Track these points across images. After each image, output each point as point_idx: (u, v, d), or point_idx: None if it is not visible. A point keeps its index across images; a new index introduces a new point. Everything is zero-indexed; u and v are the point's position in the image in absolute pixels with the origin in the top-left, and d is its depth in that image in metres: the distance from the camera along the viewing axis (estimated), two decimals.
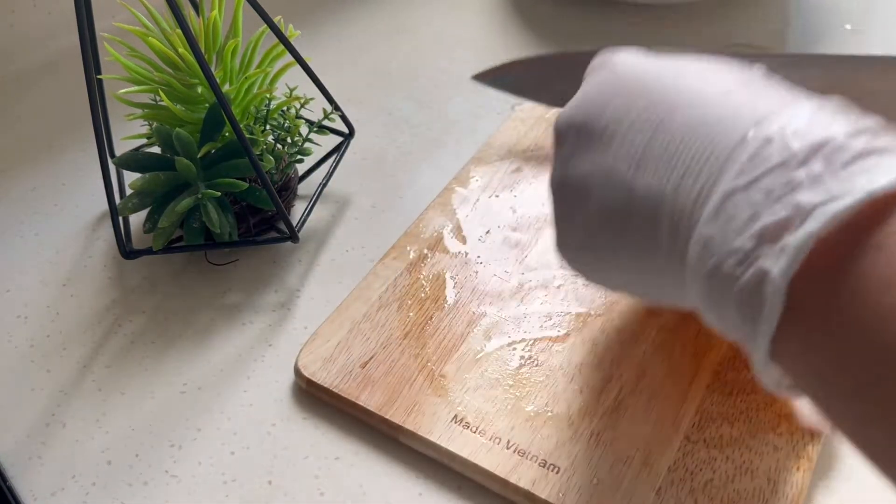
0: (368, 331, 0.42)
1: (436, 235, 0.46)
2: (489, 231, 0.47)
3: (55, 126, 0.57)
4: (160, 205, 0.44)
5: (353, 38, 0.65)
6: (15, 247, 0.49)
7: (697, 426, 0.37)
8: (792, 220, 0.23)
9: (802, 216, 0.22)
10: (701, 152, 0.26)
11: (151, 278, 0.46)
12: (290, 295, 0.45)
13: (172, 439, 0.39)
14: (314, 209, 0.49)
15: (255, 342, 0.43)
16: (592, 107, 0.31)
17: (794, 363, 0.24)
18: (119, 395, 0.41)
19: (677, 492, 0.35)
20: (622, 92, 0.30)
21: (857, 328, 0.22)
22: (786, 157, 0.24)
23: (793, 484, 0.35)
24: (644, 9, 0.66)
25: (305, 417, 0.40)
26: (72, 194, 0.52)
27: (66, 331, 0.44)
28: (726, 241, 0.24)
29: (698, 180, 0.26)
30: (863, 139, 0.23)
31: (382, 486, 0.37)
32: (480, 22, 0.66)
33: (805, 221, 0.22)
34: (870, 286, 0.21)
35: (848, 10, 0.65)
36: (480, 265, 0.45)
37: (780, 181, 0.23)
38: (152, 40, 0.43)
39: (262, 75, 0.46)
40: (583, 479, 0.35)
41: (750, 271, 0.23)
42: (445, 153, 0.54)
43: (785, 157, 0.24)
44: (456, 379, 0.39)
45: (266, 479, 0.37)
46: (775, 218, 0.23)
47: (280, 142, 0.47)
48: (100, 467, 0.38)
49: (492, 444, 0.37)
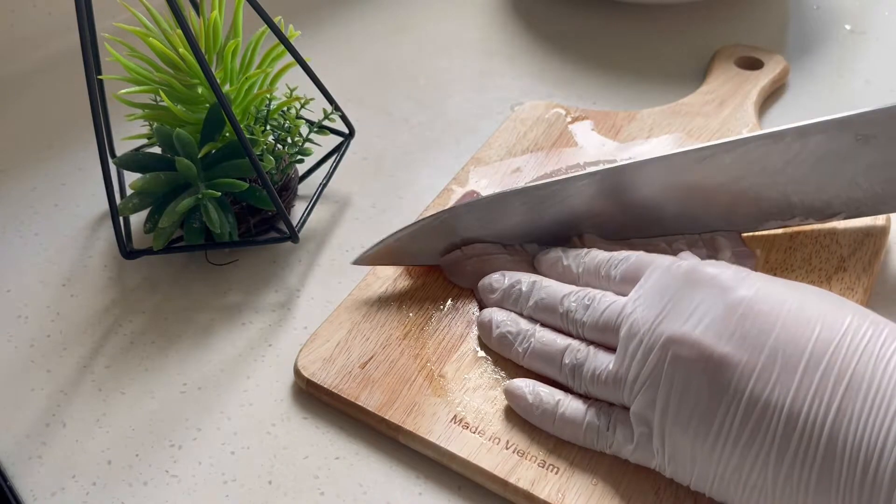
0: (368, 331, 0.42)
1: None
2: None
3: (55, 126, 0.57)
4: (160, 205, 0.44)
5: (353, 38, 0.65)
6: (15, 247, 0.49)
7: None
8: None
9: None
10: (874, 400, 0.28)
11: (151, 278, 0.46)
12: (290, 295, 0.45)
13: (172, 439, 0.39)
14: (314, 209, 0.49)
15: (255, 342, 0.43)
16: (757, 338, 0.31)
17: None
18: (119, 395, 0.41)
19: (676, 491, 0.35)
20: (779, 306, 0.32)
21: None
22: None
23: None
24: (644, 9, 0.66)
25: (305, 417, 0.40)
26: (72, 194, 0.52)
27: (66, 331, 0.44)
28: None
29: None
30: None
31: (382, 486, 0.37)
32: (480, 22, 0.66)
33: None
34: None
35: (848, 10, 0.65)
36: None
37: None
38: (153, 41, 0.43)
39: (263, 75, 0.46)
40: (582, 479, 0.35)
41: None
42: (445, 153, 0.54)
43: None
44: (455, 379, 0.39)
45: (266, 479, 0.37)
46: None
47: (280, 142, 0.47)
48: (100, 467, 0.38)
49: (491, 445, 0.37)
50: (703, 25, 0.64)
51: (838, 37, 0.63)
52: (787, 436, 0.29)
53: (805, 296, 0.32)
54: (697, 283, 0.34)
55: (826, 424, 0.29)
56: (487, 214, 0.43)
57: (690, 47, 0.62)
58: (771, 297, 0.32)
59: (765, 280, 0.34)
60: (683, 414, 0.32)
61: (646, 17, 0.65)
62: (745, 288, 0.33)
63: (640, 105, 0.56)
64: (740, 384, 0.30)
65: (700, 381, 0.31)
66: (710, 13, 0.65)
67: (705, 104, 0.54)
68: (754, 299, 0.32)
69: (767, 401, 0.30)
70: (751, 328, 0.31)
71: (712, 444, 0.31)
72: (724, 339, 0.31)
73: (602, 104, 0.57)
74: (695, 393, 0.31)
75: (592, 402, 0.36)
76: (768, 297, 0.32)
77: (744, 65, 0.58)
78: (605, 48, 0.62)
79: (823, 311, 0.31)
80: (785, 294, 0.32)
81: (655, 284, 0.35)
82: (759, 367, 0.30)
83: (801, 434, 0.29)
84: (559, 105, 0.55)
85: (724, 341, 0.31)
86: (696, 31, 0.63)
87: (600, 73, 0.60)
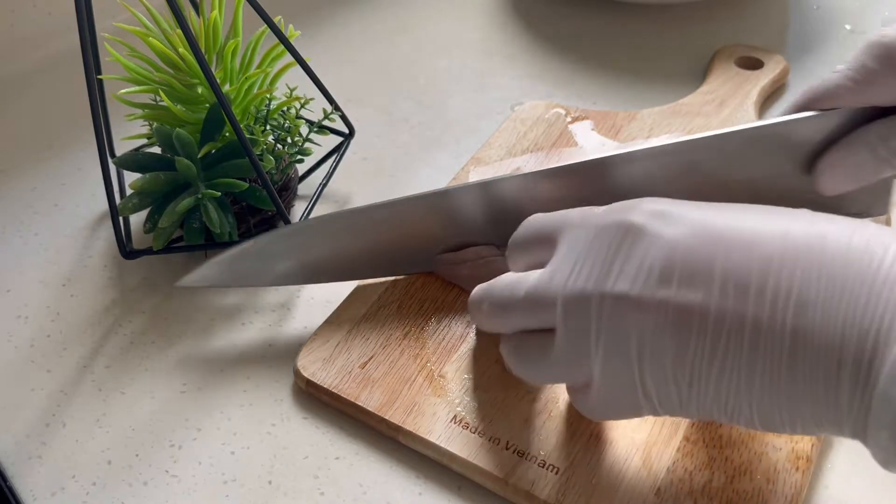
0: (368, 331, 0.42)
1: None
2: None
3: (55, 126, 0.57)
4: (160, 205, 0.44)
5: (353, 39, 0.65)
6: (15, 247, 0.49)
7: (697, 427, 0.37)
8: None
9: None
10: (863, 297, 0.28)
11: (151, 278, 0.46)
12: (290, 295, 0.45)
13: (172, 439, 0.39)
14: (314, 209, 0.49)
15: (255, 342, 0.43)
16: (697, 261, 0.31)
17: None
18: (119, 395, 0.41)
19: (676, 492, 0.35)
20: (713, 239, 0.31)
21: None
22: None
23: (792, 485, 0.35)
24: (644, 9, 0.66)
25: (305, 417, 0.40)
26: (72, 194, 0.52)
27: (66, 331, 0.44)
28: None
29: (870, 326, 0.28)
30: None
31: (382, 486, 0.37)
32: (480, 22, 0.66)
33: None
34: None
35: (848, 10, 0.65)
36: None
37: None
38: (152, 40, 0.43)
39: (263, 75, 0.46)
40: (582, 479, 0.35)
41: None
42: (445, 153, 0.54)
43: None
44: (455, 379, 0.39)
45: (266, 479, 0.37)
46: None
47: (280, 142, 0.47)
48: (100, 467, 0.38)
49: (491, 445, 0.37)
50: (703, 25, 0.64)
51: (838, 37, 0.63)
52: (754, 350, 0.29)
53: (732, 213, 0.32)
54: (624, 234, 0.32)
55: (787, 326, 0.29)
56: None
57: (690, 47, 0.62)
58: (702, 226, 0.31)
59: (689, 208, 0.33)
60: (658, 369, 0.31)
61: (646, 17, 0.65)
62: (674, 226, 0.32)
63: (640, 105, 0.56)
64: (702, 324, 0.30)
65: (663, 336, 0.31)
66: (710, 13, 0.65)
67: (705, 104, 0.54)
68: (688, 235, 0.31)
69: (730, 329, 0.30)
70: (694, 265, 0.31)
71: (688, 385, 0.31)
72: (675, 287, 0.31)
73: (602, 104, 0.57)
74: (661, 348, 0.31)
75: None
76: (699, 228, 0.31)
77: (744, 65, 0.58)
78: (605, 48, 0.62)
79: (757, 229, 0.31)
80: (714, 218, 0.32)
81: (575, 246, 0.34)
82: (714, 302, 0.30)
83: (768, 344, 0.29)
84: (559, 105, 0.55)
85: (675, 289, 0.31)
86: (696, 31, 0.63)
87: (600, 73, 0.60)
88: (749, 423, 0.31)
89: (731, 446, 0.36)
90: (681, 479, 0.35)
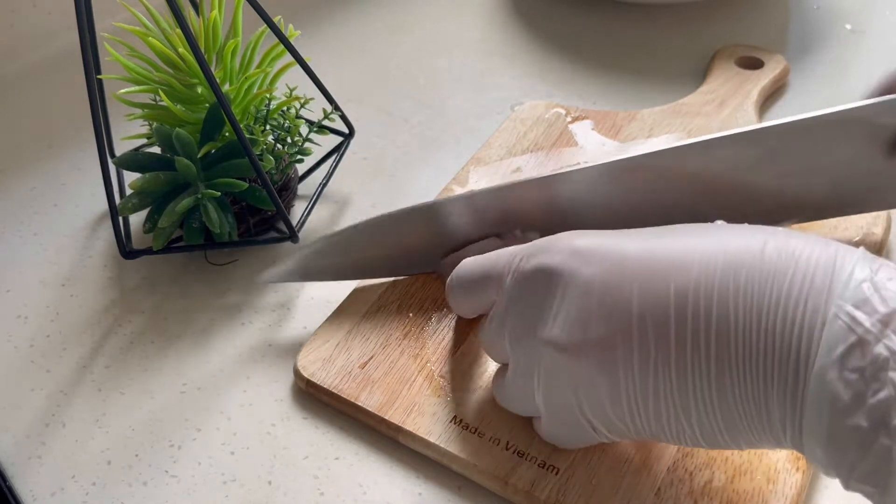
0: (368, 331, 0.42)
1: None
2: None
3: (55, 126, 0.57)
4: (160, 205, 0.44)
5: (353, 38, 0.65)
6: (15, 247, 0.49)
7: None
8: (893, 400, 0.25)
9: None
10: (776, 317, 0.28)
11: (151, 278, 0.46)
12: (289, 295, 0.45)
13: (172, 439, 0.39)
14: (314, 209, 0.49)
15: (255, 342, 0.43)
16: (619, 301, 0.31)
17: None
18: (119, 395, 0.41)
19: (676, 492, 0.35)
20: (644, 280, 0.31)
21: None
22: (861, 333, 0.26)
23: (792, 485, 0.35)
24: (644, 9, 0.66)
25: (305, 417, 0.40)
26: (71, 194, 0.52)
27: (65, 331, 0.44)
28: (839, 415, 0.26)
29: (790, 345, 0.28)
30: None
31: (382, 486, 0.37)
32: (480, 22, 0.66)
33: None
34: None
35: (848, 10, 0.65)
36: None
37: (867, 360, 0.26)
38: (152, 40, 0.43)
39: (262, 75, 0.46)
40: (582, 479, 0.35)
41: (873, 450, 0.26)
42: (445, 153, 0.54)
43: (860, 333, 0.26)
44: (455, 379, 0.39)
45: (266, 479, 0.37)
46: (879, 399, 0.26)
47: (280, 142, 0.47)
48: (100, 467, 0.38)
49: (491, 445, 0.37)
50: (703, 25, 0.64)
51: (838, 37, 0.63)
52: (682, 378, 0.30)
53: (648, 241, 0.32)
54: (546, 280, 0.33)
55: (711, 352, 0.29)
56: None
57: (690, 47, 0.62)
58: (618, 262, 0.32)
59: (606, 240, 0.33)
60: (596, 405, 0.32)
61: (646, 17, 0.65)
62: (589, 266, 0.32)
63: (640, 105, 0.56)
64: (627, 360, 0.31)
65: (593, 376, 0.32)
66: (710, 13, 0.65)
67: (705, 104, 0.54)
68: (604, 273, 0.32)
69: (656, 361, 0.30)
70: (612, 305, 0.31)
71: (629, 416, 0.32)
72: (594, 328, 0.31)
73: (602, 104, 0.57)
74: (594, 386, 0.32)
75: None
76: (615, 264, 0.32)
77: (744, 65, 0.58)
78: (605, 48, 0.62)
79: (671, 257, 0.31)
80: (631, 249, 0.32)
81: (510, 293, 0.35)
82: (636, 338, 0.30)
83: (695, 370, 0.29)
84: (559, 105, 0.55)
85: (595, 330, 0.31)
86: (696, 31, 0.63)
87: (600, 73, 0.60)
88: (696, 443, 0.31)
89: None
90: (681, 479, 0.35)
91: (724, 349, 0.29)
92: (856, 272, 0.28)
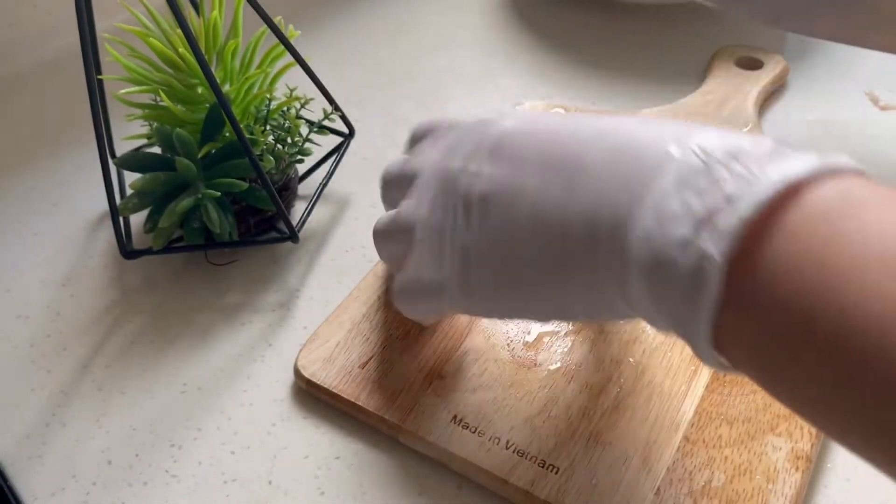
0: (368, 331, 0.42)
1: None
2: None
3: (55, 126, 0.57)
4: (160, 205, 0.44)
5: (353, 38, 0.65)
6: (14, 247, 0.49)
7: (696, 426, 0.37)
8: (723, 208, 0.26)
9: (731, 203, 0.25)
10: (629, 166, 0.29)
11: (151, 278, 0.46)
12: (289, 295, 0.45)
13: (172, 439, 0.39)
14: (314, 209, 0.49)
15: (255, 342, 0.43)
16: (499, 159, 0.33)
17: (731, 347, 0.27)
18: (119, 395, 0.41)
19: (676, 492, 0.35)
20: (520, 141, 0.33)
21: (776, 308, 0.25)
22: (708, 161, 0.27)
23: (791, 484, 0.35)
24: (644, 9, 0.66)
25: (305, 417, 0.40)
26: (72, 194, 0.52)
27: (66, 331, 0.44)
28: (665, 234, 0.27)
29: (632, 189, 0.28)
30: (767, 146, 0.27)
31: (382, 486, 0.37)
32: (480, 22, 0.66)
33: (735, 207, 0.25)
34: (783, 270, 0.25)
35: None
36: None
37: (708, 180, 0.26)
38: (152, 40, 0.43)
39: (263, 75, 0.46)
40: (582, 479, 0.35)
41: (690, 255, 0.26)
42: None
43: (707, 161, 0.27)
44: (455, 379, 0.39)
45: (266, 479, 0.37)
46: (707, 207, 0.26)
47: (280, 142, 0.47)
48: (100, 467, 0.38)
49: (491, 445, 0.37)
50: (703, 25, 0.64)
51: None
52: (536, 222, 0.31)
53: (566, 118, 0.34)
54: (476, 126, 0.35)
55: (561, 201, 0.30)
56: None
57: (690, 47, 0.62)
58: (530, 123, 0.34)
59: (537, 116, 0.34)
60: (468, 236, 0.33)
61: (646, 17, 0.65)
62: (508, 121, 0.34)
63: (640, 105, 0.56)
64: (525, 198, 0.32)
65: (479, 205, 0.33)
66: (711, 13, 0.65)
67: (705, 104, 0.54)
68: (513, 128, 0.34)
69: (510, 200, 0.32)
70: (510, 151, 0.33)
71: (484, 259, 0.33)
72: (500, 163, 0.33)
73: (602, 104, 0.57)
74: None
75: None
76: (526, 123, 0.34)
77: (744, 65, 0.58)
78: (605, 48, 0.62)
79: (575, 124, 0.32)
80: (545, 119, 0.34)
81: (443, 139, 0.37)
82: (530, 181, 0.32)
83: (548, 215, 0.30)
84: (559, 105, 0.55)
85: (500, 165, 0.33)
86: (696, 31, 0.63)
87: (600, 73, 0.60)
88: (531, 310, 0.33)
89: (731, 446, 0.36)
90: (680, 478, 0.35)
91: (571, 200, 0.30)
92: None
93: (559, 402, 0.38)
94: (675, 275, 0.26)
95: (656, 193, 0.27)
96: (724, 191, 0.26)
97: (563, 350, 0.40)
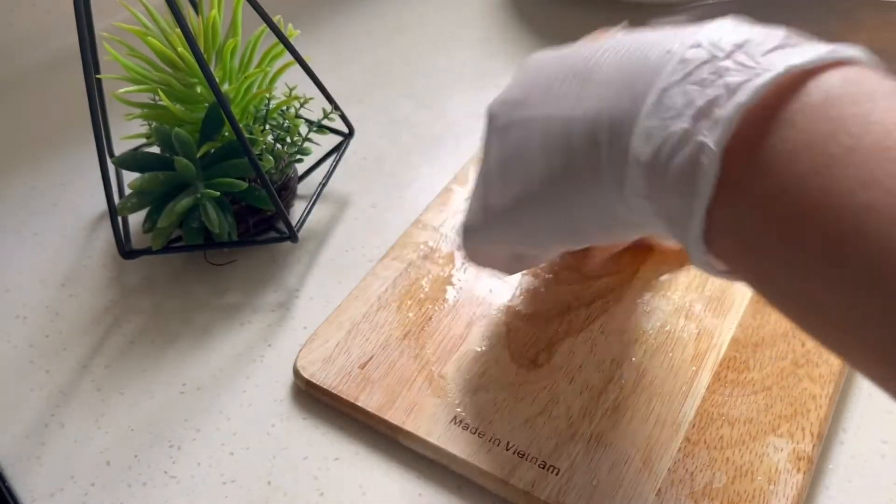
0: (368, 331, 0.42)
1: (436, 236, 0.46)
2: None
3: (55, 126, 0.57)
4: (159, 205, 0.44)
5: (353, 38, 0.65)
6: (14, 247, 0.49)
7: (698, 427, 0.37)
8: (722, 97, 0.25)
9: (731, 93, 0.25)
10: (635, 68, 0.28)
11: (151, 278, 0.46)
12: (289, 295, 0.45)
13: (172, 440, 0.39)
14: (314, 209, 0.49)
15: (255, 342, 0.43)
16: (526, 82, 0.34)
17: (726, 244, 0.26)
18: (118, 396, 0.41)
19: (677, 493, 0.35)
20: (550, 62, 0.33)
21: (772, 197, 0.24)
22: (713, 52, 0.26)
23: (793, 485, 0.35)
24: (643, 9, 0.65)
25: (305, 418, 0.40)
26: (71, 194, 0.52)
27: (65, 331, 0.44)
28: (665, 127, 0.26)
29: (635, 88, 0.28)
30: (778, 37, 0.26)
31: (382, 487, 0.37)
32: (480, 22, 0.66)
33: (734, 96, 0.25)
34: (780, 158, 0.24)
35: None
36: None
37: (710, 71, 0.26)
38: (151, 40, 0.43)
39: (262, 75, 0.46)
40: (582, 480, 0.35)
41: (688, 147, 0.25)
42: (445, 153, 0.54)
43: (713, 53, 0.26)
44: (455, 380, 0.39)
45: (266, 480, 0.37)
46: (708, 98, 0.25)
47: (280, 141, 0.47)
48: (99, 468, 0.38)
49: (491, 446, 0.37)
50: None
51: None
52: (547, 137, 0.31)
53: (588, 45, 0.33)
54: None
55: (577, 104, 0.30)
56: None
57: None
58: (563, 50, 0.34)
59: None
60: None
61: (646, 17, 0.65)
62: (541, 52, 0.35)
63: None
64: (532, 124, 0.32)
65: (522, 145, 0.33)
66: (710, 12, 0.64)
67: None
68: (539, 56, 0.34)
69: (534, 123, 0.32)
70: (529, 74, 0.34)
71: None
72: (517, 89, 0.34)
73: None
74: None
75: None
76: (560, 50, 0.34)
77: None
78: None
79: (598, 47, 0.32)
80: (577, 45, 0.34)
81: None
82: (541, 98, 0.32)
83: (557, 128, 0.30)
84: None
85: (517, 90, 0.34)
86: None
87: None
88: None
89: (733, 447, 0.36)
90: (682, 479, 0.35)
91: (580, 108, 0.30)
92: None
93: (560, 403, 0.38)
94: (672, 168, 0.26)
95: (659, 89, 0.27)
96: (726, 80, 0.25)
97: (563, 351, 0.40)
